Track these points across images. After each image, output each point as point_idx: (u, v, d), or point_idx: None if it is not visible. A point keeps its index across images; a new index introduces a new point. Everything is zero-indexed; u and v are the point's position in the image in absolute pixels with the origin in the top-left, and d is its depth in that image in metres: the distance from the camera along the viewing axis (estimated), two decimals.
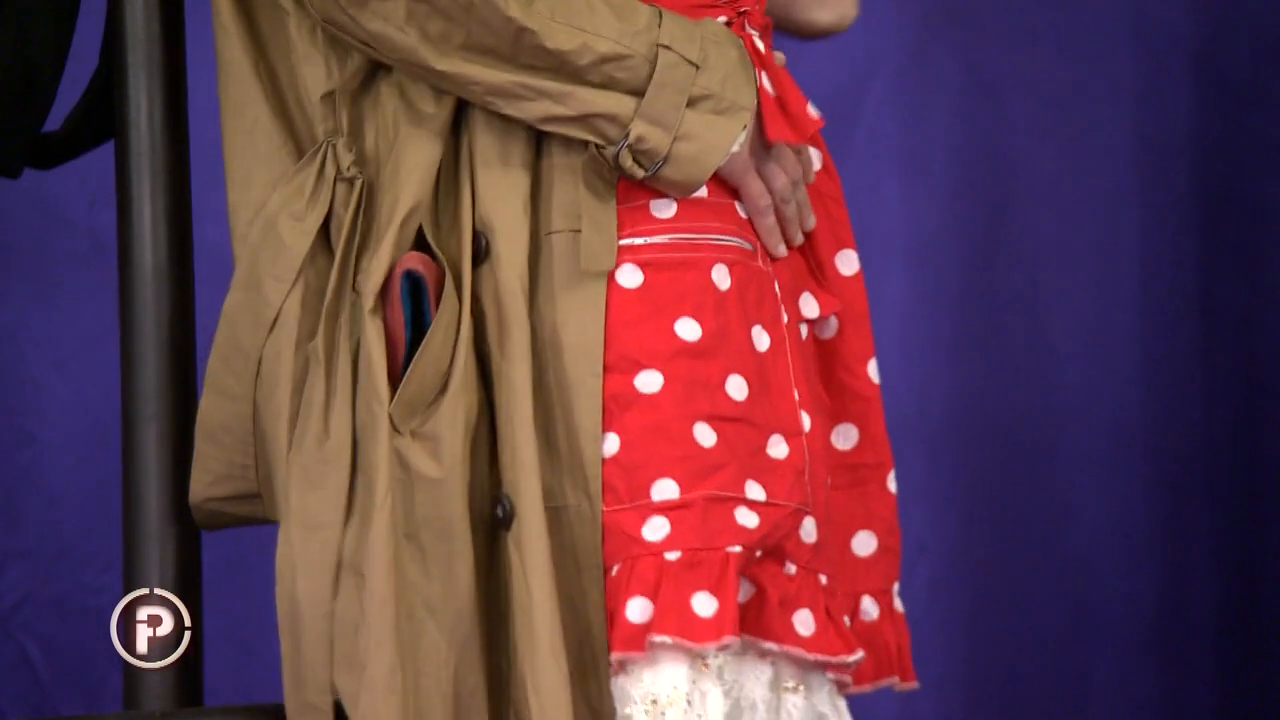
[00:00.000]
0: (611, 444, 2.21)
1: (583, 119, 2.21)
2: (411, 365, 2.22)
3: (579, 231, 2.24)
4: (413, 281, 2.20)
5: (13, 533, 3.88)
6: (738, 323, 2.25)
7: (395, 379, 2.22)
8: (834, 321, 2.37)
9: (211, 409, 2.32)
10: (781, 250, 2.32)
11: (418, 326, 2.21)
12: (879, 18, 3.87)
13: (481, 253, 2.24)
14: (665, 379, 2.22)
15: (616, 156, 2.20)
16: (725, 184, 2.27)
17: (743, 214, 2.27)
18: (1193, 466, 3.99)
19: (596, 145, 2.22)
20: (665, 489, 2.22)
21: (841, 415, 2.41)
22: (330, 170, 2.24)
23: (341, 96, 2.26)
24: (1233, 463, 3.98)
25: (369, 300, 2.20)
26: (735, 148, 2.23)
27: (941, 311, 3.99)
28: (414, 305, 2.21)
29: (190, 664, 2.45)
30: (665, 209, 2.23)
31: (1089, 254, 3.98)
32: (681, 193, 2.25)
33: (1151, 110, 3.88)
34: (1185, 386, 3.99)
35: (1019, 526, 4.01)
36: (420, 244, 2.25)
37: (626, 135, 2.19)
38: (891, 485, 2.43)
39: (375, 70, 2.25)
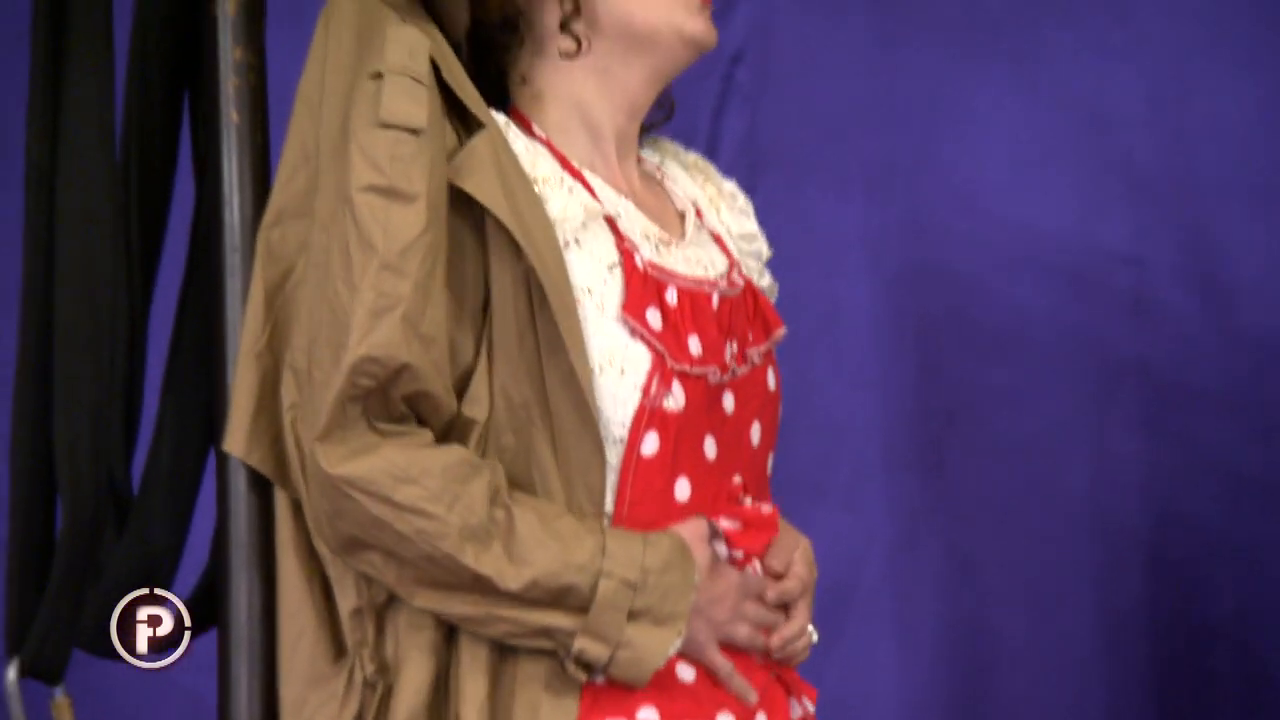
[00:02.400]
0: None
1: (536, 634, 2.21)
2: None
3: None
4: None
5: None
6: None
7: None
8: None
9: None
10: (752, 698, 2.33)
11: None
12: (872, 510, 3.94)
13: None
14: None
15: (563, 662, 2.22)
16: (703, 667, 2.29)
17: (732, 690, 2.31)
18: None
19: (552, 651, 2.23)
20: None
21: None
22: (358, 677, 2.26)
23: (367, 612, 2.27)
24: None
25: None
26: (672, 651, 2.23)
27: None
28: None
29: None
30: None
31: (1060, 715, 3.96)
32: (629, 687, 2.24)
33: (1110, 591, 3.88)
34: None
35: None
36: None
37: (569, 648, 2.21)
38: None
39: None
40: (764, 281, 2.55)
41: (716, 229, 2.50)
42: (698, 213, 2.50)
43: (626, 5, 2.38)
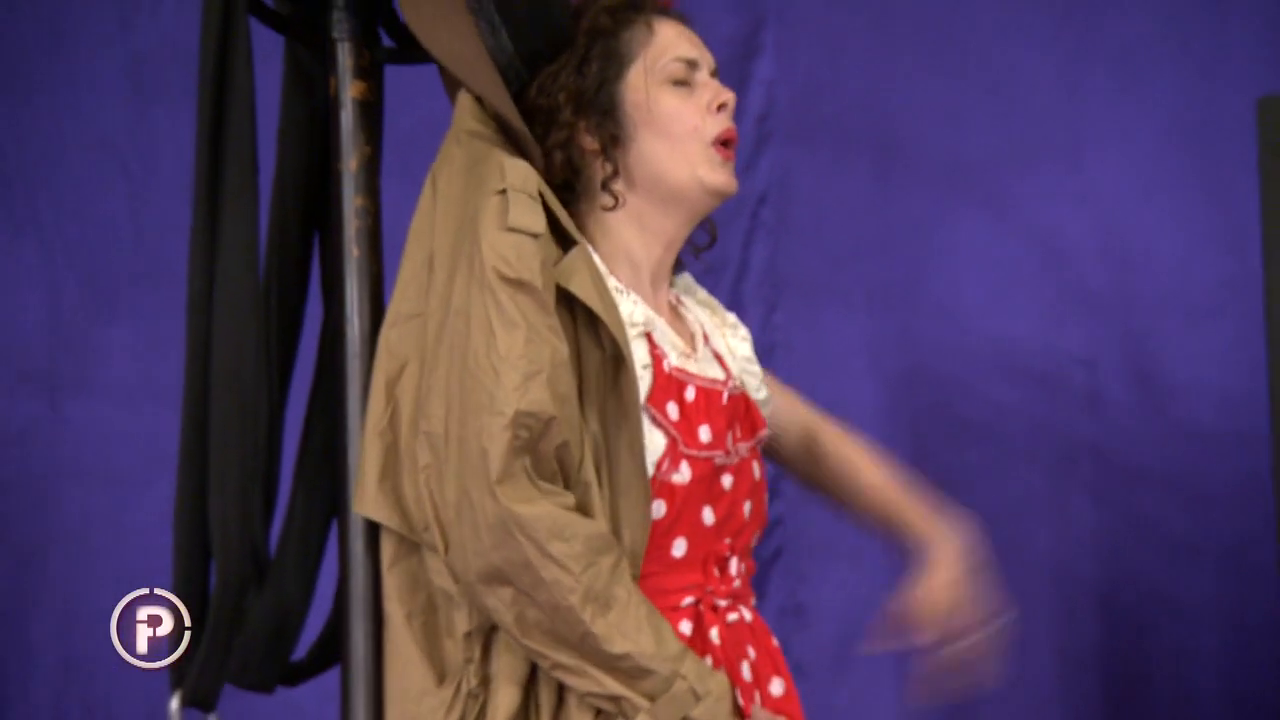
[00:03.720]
0: None
1: (611, 699, 2.18)
2: None
3: None
4: None
5: None
6: None
7: None
8: None
9: None
10: None
11: None
12: (874, 565, 3.78)
13: None
14: None
15: None
16: None
17: None
18: None
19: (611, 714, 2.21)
20: None
21: None
22: (464, 688, 2.24)
23: (476, 636, 2.25)
24: None
25: None
26: None
27: None
28: None
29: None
30: None
31: None
32: None
33: (1068, 634, 3.84)
34: None
35: None
36: None
37: (630, 718, 2.18)
38: None
39: None
40: (760, 395, 2.52)
41: (719, 350, 2.48)
42: (705, 337, 2.47)
43: (657, 166, 2.37)
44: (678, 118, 2.37)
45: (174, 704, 2.29)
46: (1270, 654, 3.71)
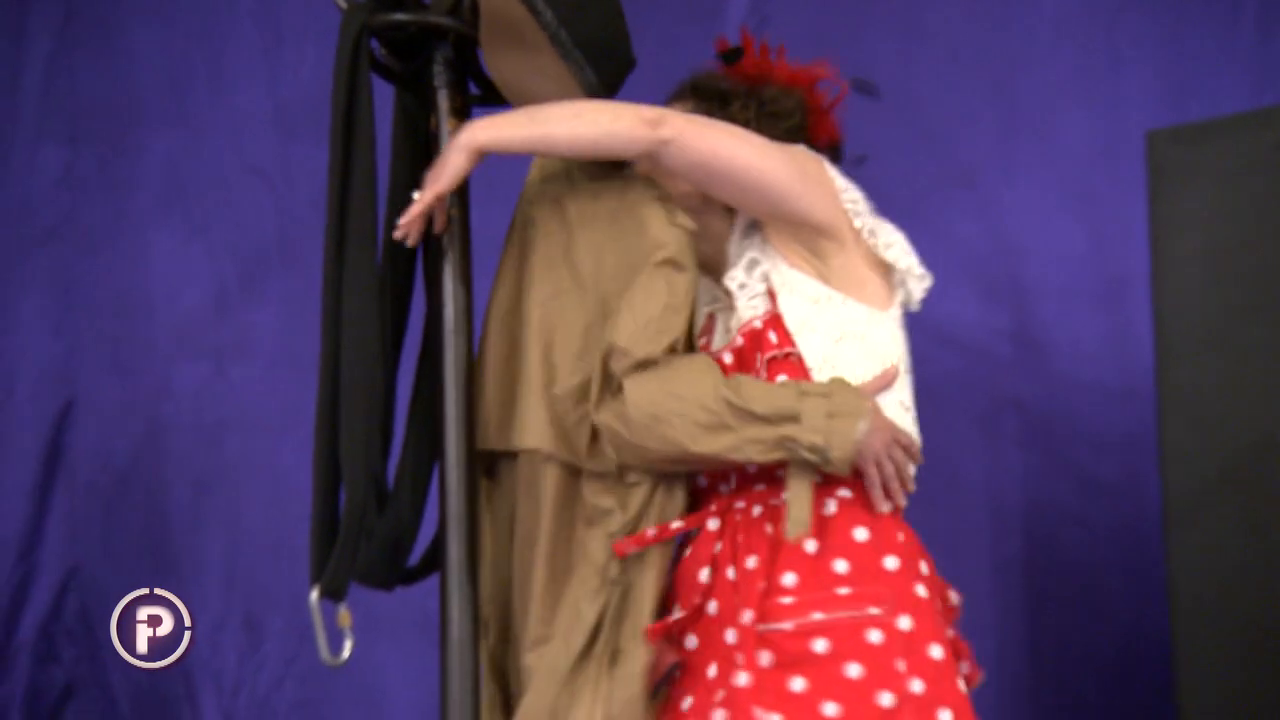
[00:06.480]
0: None
1: (776, 444, 2.19)
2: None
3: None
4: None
5: None
6: None
7: None
8: None
9: None
10: (884, 506, 2.25)
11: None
12: None
13: None
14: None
15: (799, 459, 2.19)
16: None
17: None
18: None
19: (789, 458, 2.20)
20: None
21: None
22: (609, 576, 2.26)
23: (620, 533, 2.27)
24: None
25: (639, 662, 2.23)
26: (861, 432, 2.19)
27: None
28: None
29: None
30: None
31: (964, 631, 3.90)
32: (840, 468, 2.19)
33: (998, 550, 3.78)
34: None
35: None
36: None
37: (800, 443, 2.17)
38: None
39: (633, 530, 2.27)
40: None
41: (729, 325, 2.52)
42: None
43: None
44: None
45: (314, 595, 2.29)
46: (1155, 560, 3.70)
